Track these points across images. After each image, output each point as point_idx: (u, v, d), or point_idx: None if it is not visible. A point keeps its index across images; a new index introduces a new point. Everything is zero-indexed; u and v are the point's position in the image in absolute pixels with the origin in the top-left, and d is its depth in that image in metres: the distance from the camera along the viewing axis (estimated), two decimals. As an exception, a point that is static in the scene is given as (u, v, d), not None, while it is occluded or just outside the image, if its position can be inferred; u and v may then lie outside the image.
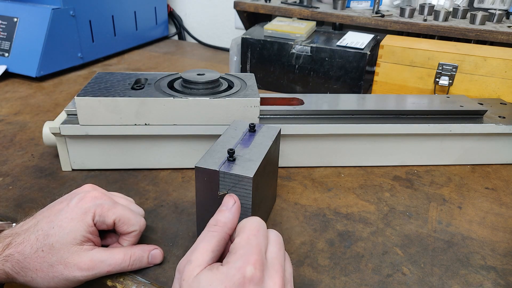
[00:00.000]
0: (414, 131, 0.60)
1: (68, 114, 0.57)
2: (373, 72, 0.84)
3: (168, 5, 1.33)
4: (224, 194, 0.40)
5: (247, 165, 0.39)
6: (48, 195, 0.54)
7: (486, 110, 0.64)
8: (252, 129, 0.48)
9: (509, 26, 0.83)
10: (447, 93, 0.76)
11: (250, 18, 1.07)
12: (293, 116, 0.60)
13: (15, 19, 0.94)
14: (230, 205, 0.36)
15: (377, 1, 0.90)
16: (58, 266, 0.36)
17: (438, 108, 0.63)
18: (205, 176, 0.40)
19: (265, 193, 0.36)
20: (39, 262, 0.35)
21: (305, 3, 0.98)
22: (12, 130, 0.71)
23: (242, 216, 0.38)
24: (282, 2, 1.00)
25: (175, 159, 0.60)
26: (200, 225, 0.43)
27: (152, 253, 0.41)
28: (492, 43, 0.83)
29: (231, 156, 0.41)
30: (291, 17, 0.96)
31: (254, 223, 0.34)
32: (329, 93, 0.85)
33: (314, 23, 0.93)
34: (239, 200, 0.38)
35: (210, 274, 0.30)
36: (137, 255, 0.40)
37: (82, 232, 0.37)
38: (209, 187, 0.41)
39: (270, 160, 0.46)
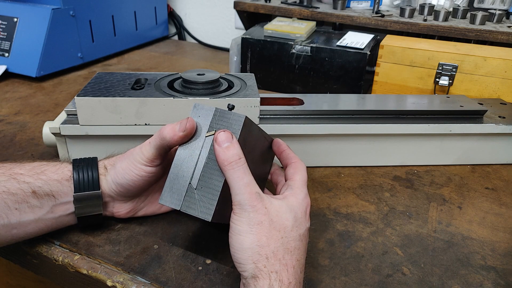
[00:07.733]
0: (414, 131, 0.60)
1: (68, 114, 0.57)
2: (373, 72, 0.84)
3: (168, 5, 1.33)
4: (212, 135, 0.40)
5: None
6: (48, 195, 0.53)
7: (486, 110, 0.64)
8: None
9: (509, 26, 0.83)
10: (447, 93, 0.76)
11: (250, 18, 1.07)
12: (293, 116, 0.60)
13: (15, 19, 0.94)
14: (230, 139, 0.38)
15: (377, 1, 0.90)
16: (133, 154, 0.44)
17: (438, 108, 0.63)
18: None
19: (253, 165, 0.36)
20: (123, 155, 0.46)
21: (305, 3, 0.98)
22: (12, 130, 0.71)
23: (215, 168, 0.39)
24: (282, 2, 1.00)
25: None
26: (173, 179, 0.40)
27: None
28: (492, 43, 0.83)
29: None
30: (291, 17, 0.96)
31: (304, 170, 0.44)
32: (329, 93, 0.85)
33: (314, 23, 0.93)
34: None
35: (284, 203, 0.39)
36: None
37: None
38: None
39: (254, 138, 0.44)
